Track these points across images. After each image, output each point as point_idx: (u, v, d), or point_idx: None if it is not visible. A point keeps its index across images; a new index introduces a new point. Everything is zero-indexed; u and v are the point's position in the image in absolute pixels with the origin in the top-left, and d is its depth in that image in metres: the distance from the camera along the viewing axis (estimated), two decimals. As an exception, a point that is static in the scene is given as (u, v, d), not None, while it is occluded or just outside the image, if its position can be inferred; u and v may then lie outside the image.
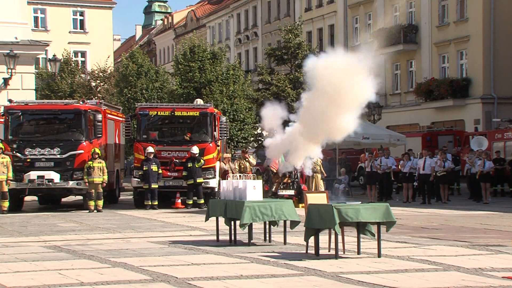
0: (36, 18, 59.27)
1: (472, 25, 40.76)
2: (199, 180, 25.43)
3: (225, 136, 27.27)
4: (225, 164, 27.21)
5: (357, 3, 50.55)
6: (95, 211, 24.42)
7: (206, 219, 15.77)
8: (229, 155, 27.89)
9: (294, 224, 14.52)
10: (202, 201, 25.40)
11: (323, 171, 27.62)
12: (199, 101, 29.10)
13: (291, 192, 25.87)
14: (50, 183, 24.34)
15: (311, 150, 16.80)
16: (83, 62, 59.89)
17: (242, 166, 26.41)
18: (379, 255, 12.50)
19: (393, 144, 36.34)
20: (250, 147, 32.80)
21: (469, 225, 18.65)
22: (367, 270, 11.22)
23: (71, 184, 24.60)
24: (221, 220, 15.08)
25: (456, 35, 42.08)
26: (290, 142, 17.25)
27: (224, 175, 25.62)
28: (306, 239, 12.98)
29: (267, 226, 14.92)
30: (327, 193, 14.50)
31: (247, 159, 27.21)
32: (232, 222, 14.73)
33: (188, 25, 79.97)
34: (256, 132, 36.59)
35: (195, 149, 25.39)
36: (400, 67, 47.00)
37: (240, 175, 16.10)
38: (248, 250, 13.60)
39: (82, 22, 61.82)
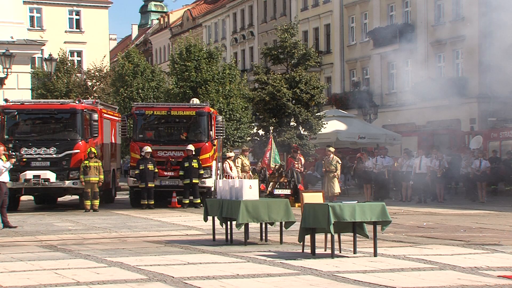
0: (32, 18, 59.21)
1: (468, 24, 40.75)
2: (195, 180, 25.42)
3: (221, 135, 27.27)
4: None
5: (353, 3, 50.59)
6: (91, 210, 24.41)
7: (205, 219, 15.68)
8: (232, 154, 27.98)
9: (289, 223, 14.52)
10: (198, 200, 25.40)
11: (338, 170, 27.41)
12: (195, 101, 29.11)
13: (287, 191, 25.91)
14: (46, 183, 24.34)
15: None
16: (79, 62, 59.83)
17: (244, 165, 26.65)
18: (375, 254, 12.51)
19: (389, 144, 36.43)
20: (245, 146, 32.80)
21: (465, 224, 18.68)
22: (363, 269, 11.23)
23: (67, 183, 24.59)
24: (217, 219, 15.08)
25: (451, 34, 42.10)
26: None
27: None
28: (300, 240, 12.97)
29: (263, 226, 14.93)
30: (323, 192, 14.52)
31: (246, 156, 27.41)
32: (228, 221, 14.73)
33: (184, 25, 79.93)
34: (252, 132, 36.56)
35: (191, 147, 25.39)
36: (396, 66, 47.02)
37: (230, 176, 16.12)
38: (244, 250, 13.60)
39: (78, 21, 61.77)
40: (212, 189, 25.57)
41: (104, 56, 54.76)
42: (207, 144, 26.18)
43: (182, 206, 25.72)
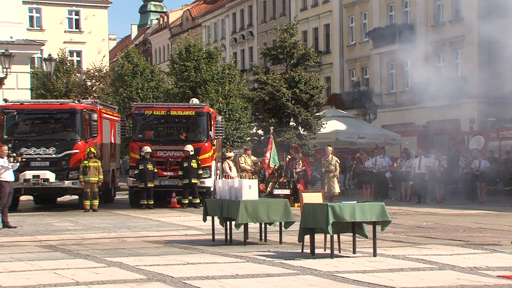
0: (31, 18, 59.22)
1: (467, 24, 40.80)
2: (194, 180, 25.39)
3: (220, 135, 27.27)
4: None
5: (353, 3, 50.59)
6: (91, 210, 24.40)
7: (204, 219, 15.70)
8: (232, 154, 28.08)
9: (288, 224, 14.52)
10: (197, 200, 25.38)
11: (337, 170, 27.36)
12: (195, 101, 29.11)
13: (287, 191, 25.90)
14: (46, 183, 24.32)
15: None
16: (79, 62, 59.84)
17: (246, 163, 26.79)
18: (374, 254, 12.51)
19: (388, 144, 36.43)
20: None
21: (465, 224, 18.68)
22: (363, 269, 11.23)
23: (67, 183, 24.59)
24: (217, 219, 15.07)
25: (451, 34, 42.12)
26: None
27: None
28: (300, 240, 12.97)
29: (263, 226, 14.93)
30: (323, 192, 14.52)
31: (249, 155, 27.47)
32: (228, 221, 14.73)
33: (183, 25, 79.93)
34: (251, 132, 36.57)
35: (189, 147, 25.37)
36: (395, 66, 47.02)
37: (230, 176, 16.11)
38: (244, 250, 13.60)
39: (77, 21, 61.78)
40: (212, 189, 25.57)
41: (104, 56, 54.75)
42: (206, 144, 26.17)
43: (181, 206, 25.71)
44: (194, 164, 25.33)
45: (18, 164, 19.15)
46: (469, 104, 40.02)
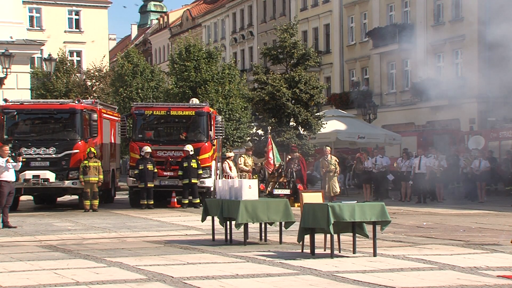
0: (31, 18, 59.24)
1: (467, 24, 40.80)
2: (194, 180, 25.39)
3: (220, 135, 27.27)
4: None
5: (353, 3, 50.58)
6: (91, 210, 24.41)
7: (203, 219, 15.73)
8: (232, 154, 28.07)
9: (288, 223, 14.53)
10: (197, 200, 25.38)
11: (338, 170, 27.32)
12: (195, 101, 29.10)
13: (287, 191, 25.90)
14: (46, 183, 24.33)
15: None
16: (79, 62, 59.85)
17: (246, 164, 26.77)
18: (374, 254, 12.51)
19: (388, 144, 36.43)
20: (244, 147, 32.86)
21: (465, 224, 18.68)
22: (363, 269, 11.23)
23: (67, 183, 24.60)
24: (217, 219, 15.08)
25: (451, 34, 42.11)
26: None
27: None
28: (300, 240, 12.97)
29: (263, 226, 14.93)
30: (323, 192, 14.53)
31: (250, 156, 27.47)
32: (228, 221, 14.74)
33: (183, 25, 79.94)
34: (251, 131, 36.56)
35: (189, 147, 25.37)
36: (395, 66, 47.02)
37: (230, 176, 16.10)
38: (244, 250, 13.60)
39: (77, 21, 61.80)
40: (212, 189, 25.57)
41: (104, 56, 54.76)
42: (206, 144, 26.17)
43: (181, 206, 25.71)
44: (194, 164, 25.34)
45: (20, 164, 19.14)
46: (469, 104, 40.00)
